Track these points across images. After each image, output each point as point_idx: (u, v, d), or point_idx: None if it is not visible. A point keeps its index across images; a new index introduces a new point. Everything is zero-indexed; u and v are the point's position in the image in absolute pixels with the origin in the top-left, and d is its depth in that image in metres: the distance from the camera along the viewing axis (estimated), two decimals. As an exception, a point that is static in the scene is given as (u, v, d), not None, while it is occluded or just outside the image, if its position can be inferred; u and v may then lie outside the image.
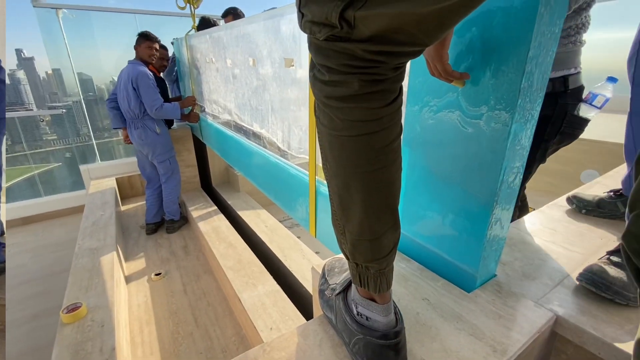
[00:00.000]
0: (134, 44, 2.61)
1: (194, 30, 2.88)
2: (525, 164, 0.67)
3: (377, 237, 0.49)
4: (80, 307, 1.59)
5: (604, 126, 2.72)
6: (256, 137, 1.95)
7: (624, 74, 0.94)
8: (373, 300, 0.55)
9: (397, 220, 0.51)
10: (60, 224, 3.35)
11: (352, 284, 0.59)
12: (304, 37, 1.20)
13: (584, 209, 1.08)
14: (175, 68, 3.34)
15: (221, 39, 2.15)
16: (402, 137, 0.47)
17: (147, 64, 2.62)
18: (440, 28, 0.35)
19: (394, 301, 0.56)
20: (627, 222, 0.36)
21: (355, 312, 0.57)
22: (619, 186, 1.22)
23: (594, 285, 0.71)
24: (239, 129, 2.19)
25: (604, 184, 1.30)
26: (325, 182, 1.29)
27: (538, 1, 0.51)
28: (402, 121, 0.47)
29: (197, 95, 2.97)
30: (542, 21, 0.53)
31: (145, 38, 2.58)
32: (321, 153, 0.50)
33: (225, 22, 2.80)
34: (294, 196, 1.54)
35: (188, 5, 2.74)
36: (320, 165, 1.29)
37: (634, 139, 0.91)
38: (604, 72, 1.14)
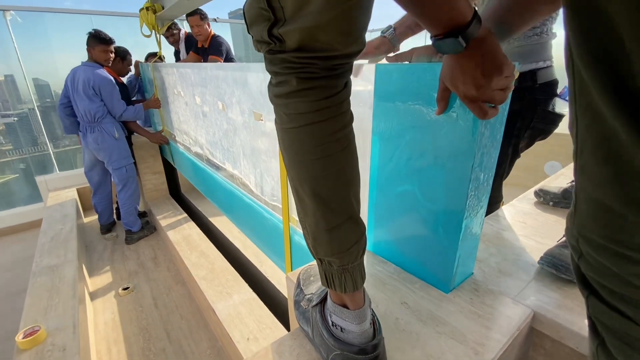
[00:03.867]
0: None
1: (160, 59, 2.83)
2: (494, 172, 0.67)
3: (334, 227, 0.50)
4: (38, 330, 1.47)
5: (566, 119, 2.86)
6: (229, 173, 1.92)
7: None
8: (345, 306, 0.53)
9: (354, 214, 0.51)
10: (16, 240, 3.11)
11: (328, 294, 0.56)
12: None
13: (550, 201, 1.11)
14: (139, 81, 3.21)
15: (189, 76, 2.10)
16: (350, 128, 0.50)
17: (102, 66, 2.49)
18: (341, 34, 0.42)
19: (372, 310, 0.54)
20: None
21: (330, 322, 0.54)
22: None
23: (554, 268, 0.74)
24: (211, 163, 2.14)
25: (567, 175, 1.35)
26: (298, 228, 1.31)
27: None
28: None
29: (166, 122, 2.90)
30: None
31: (98, 41, 2.41)
32: (280, 150, 0.55)
33: (190, 21, 2.70)
34: (269, 238, 1.55)
35: (153, 31, 2.70)
36: (294, 216, 1.33)
37: None
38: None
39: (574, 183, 1.05)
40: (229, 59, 2.86)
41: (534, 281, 0.74)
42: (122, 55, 2.77)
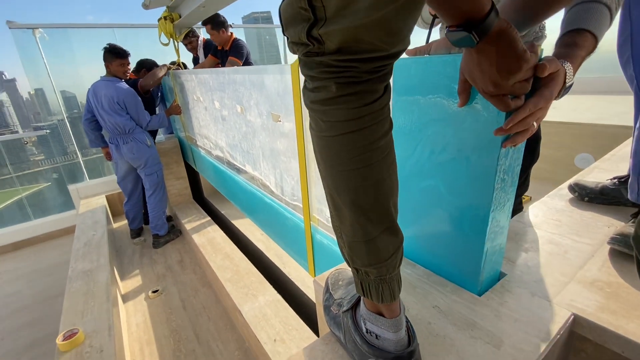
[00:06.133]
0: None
1: (181, 65, 2.91)
2: (521, 162, 0.65)
3: (372, 239, 0.48)
4: (77, 333, 1.54)
5: (596, 109, 2.73)
6: (250, 175, 1.95)
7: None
8: (381, 314, 0.52)
9: (393, 223, 0.49)
10: (53, 246, 3.27)
11: (361, 300, 0.56)
12: (289, 94, 1.24)
13: (586, 196, 1.06)
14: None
15: (207, 81, 2.14)
16: (391, 135, 0.47)
17: (121, 79, 2.58)
18: (389, 34, 0.38)
19: (406, 317, 0.53)
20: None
21: (364, 329, 0.53)
22: (617, 170, 1.20)
23: (626, 247, 0.74)
24: (232, 165, 2.18)
25: (602, 168, 1.28)
26: (319, 227, 1.32)
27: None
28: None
29: (187, 127, 2.98)
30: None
31: (115, 55, 2.49)
32: (315, 156, 0.51)
33: (206, 29, 2.75)
34: (291, 238, 1.56)
35: (171, 40, 2.77)
36: (315, 215, 1.33)
37: None
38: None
39: (615, 180, 0.99)
40: (248, 62, 2.89)
41: (573, 282, 0.71)
42: (149, 66, 2.86)
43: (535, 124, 0.54)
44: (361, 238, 0.48)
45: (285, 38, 0.44)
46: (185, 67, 3.10)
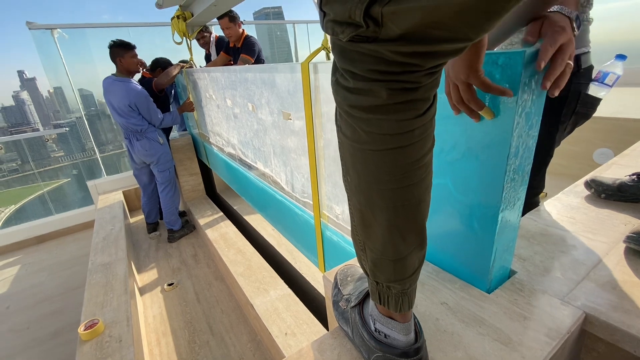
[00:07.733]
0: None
1: (192, 63, 2.94)
2: (531, 161, 0.64)
3: (402, 258, 0.45)
4: (97, 323, 1.60)
5: (615, 101, 2.63)
6: (261, 172, 1.98)
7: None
8: (393, 318, 0.52)
9: (424, 239, 0.46)
10: (73, 240, 3.38)
11: (370, 299, 0.56)
12: (299, 93, 1.24)
13: (603, 193, 1.03)
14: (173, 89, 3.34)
15: (219, 80, 2.17)
16: (432, 151, 0.42)
17: (131, 74, 2.55)
18: (488, 17, 0.29)
19: (414, 314, 0.53)
20: None
21: (372, 327, 0.54)
22: (637, 165, 1.16)
23: None
24: (244, 162, 2.21)
25: (621, 164, 1.25)
26: (329, 224, 1.33)
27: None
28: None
29: (200, 124, 3.02)
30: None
31: (125, 48, 2.42)
32: (342, 165, 0.45)
33: (221, 24, 2.77)
34: (301, 234, 1.58)
35: (184, 38, 2.81)
36: (325, 211, 1.34)
37: None
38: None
39: (635, 177, 0.97)
40: (259, 59, 2.91)
41: (586, 280, 0.70)
42: (164, 65, 2.90)
43: (570, 61, 0.55)
44: (391, 257, 0.45)
45: (321, 14, 0.35)
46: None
